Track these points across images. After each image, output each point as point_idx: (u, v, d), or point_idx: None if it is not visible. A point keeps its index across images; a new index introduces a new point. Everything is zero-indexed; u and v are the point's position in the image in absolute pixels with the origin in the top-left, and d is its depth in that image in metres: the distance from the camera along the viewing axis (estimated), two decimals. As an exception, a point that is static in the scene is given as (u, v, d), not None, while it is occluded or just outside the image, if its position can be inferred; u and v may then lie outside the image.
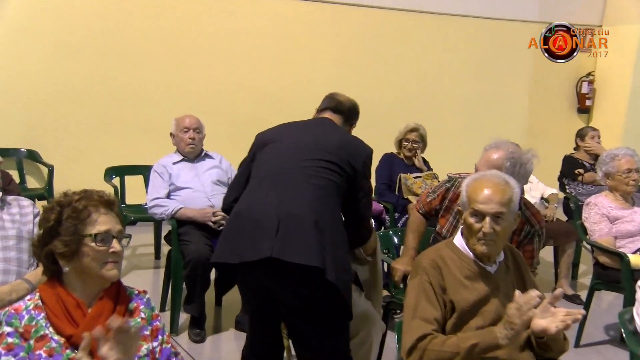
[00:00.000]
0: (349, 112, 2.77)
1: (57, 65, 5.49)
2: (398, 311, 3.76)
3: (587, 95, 7.72)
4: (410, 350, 1.98)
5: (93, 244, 1.71)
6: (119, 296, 1.80)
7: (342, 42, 6.52)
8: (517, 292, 1.97)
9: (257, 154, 2.58)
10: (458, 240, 2.21)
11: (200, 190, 3.88)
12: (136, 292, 1.88)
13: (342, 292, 2.26)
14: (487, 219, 2.06)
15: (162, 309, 3.93)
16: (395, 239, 3.59)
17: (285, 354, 2.69)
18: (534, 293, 1.94)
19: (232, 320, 3.84)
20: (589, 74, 7.72)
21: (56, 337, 1.68)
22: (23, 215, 2.40)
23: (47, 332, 1.68)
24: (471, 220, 2.10)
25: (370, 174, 2.60)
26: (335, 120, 2.71)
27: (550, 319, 1.93)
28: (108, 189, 4.54)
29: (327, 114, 2.74)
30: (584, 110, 7.80)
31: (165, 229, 4.15)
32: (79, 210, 1.74)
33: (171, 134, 4.07)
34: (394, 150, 4.81)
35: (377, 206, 4.35)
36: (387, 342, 3.19)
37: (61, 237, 1.71)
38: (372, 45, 6.68)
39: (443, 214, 3.14)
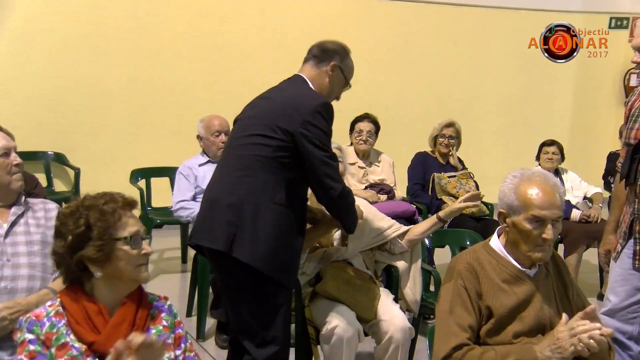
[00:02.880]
0: (324, 51, 2.55)
1: (85, 68, 5.53)
2: (432, 316, 3.64)
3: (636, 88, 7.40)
4: (445, 359, 1.90)
5: (126, 247, 1.70)
6: (140, 302, 1.77)
7: (374, 38, 6.43)
8: (565, 317, 1.89)
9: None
10: (495, 242, 2.10)
11: (226, 192, 3.81)
12: (157, 298, 1.85)
13: (263, 271, 2.27)
14: (549, 225, 1.95)
15: (189, 314, 3.89)
16: (427, 241, 3.46)
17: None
18: (597, 325, 1.82)
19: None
20: (638, 66, 7.38)
21: (77, 344, 1.65)
22: (49, 220, 2.36)
23: (67, 339, 1.65)
24: (529, 226, 1.97)
25: (328, 131, 2.36)
26: (307, 69, 2.55)
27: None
28: (134, 192, 4.56)
29: (302, 68, 2.59)
30: (635, 104, 7.51)
31: (192, 232, 4.09)
32: (109, 214, 1.71)
33: (198, 137, 4.00)
34: (427, 149, 4.68)
35: (409, 207, 4.23)
36: (417, 348, 3.10)
37: (93, 242, 1.68)
38: (405, 41, 6.57)
39: None
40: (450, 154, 4.60)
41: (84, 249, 1.68)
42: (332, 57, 2.54)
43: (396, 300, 2.95)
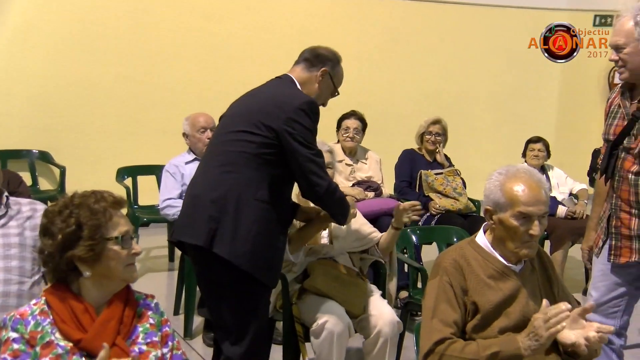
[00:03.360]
0: (310, 55, 2.57)
1: (70, 66, 5.48)
2: (419, 313, 3.65)
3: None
4: (428, 354, 1.92)
5: (117, 247, 1.70)
6: (127, 301, 1.76)
7: (364, 36, 6.43)
8: (545, 302, 1.89)
9: None
10: (481, 238, 2.10)
11: (213, 190, 3.80)
12: (144, 296, 1.84)
13: (243, 267, 2.27)
14: (536, 221, 1.96)
15: (176, 313, 3.87)
16: (414, 238, 3.48)
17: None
18: (564, 306, 1.84)
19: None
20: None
21: (62, 343, 1.64)
22: (34, 221, 2.31)
23: (52, 338, 1.64)
24: (516, 223, 1.97)
25: (312, 129, 2.36)
26: (297, 71, 2.55)
27: (580, 331, 1.87)
28: (120, 190, 4.53)
29: (292, 69, 2.59)
30: (617, 102, 7.56)
31: (179, 230, 4.07)
32: (100, 213, 1.70)
33: (184, 134, 3.99)
34: (414, 146, 4.69)
35: (396, 204, 4.21)
36: (405, 344, 3.10)
37: (83, 241, 1.67)
38: (393, 39, 6.57)
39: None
40: (437, 151, 4.61)
41: (75, 248, 1.66)
42: (323, 62, 2.56)
43: (384, 296, 2.96)
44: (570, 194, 4.82)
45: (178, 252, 4.20)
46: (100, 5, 5.55)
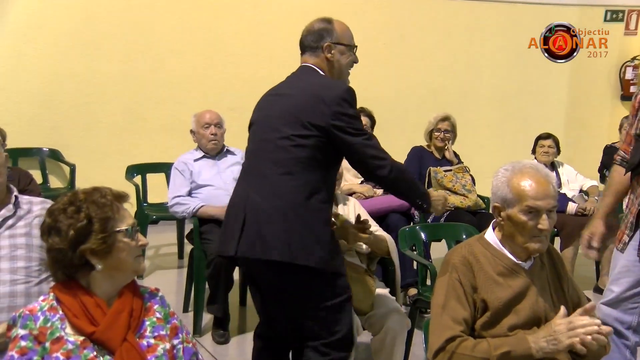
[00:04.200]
0: (312, 39, 2.48)
1: (77, 63, 5.51)
2: (428, 310, 3.64)
3: (631, 82, 7.29)
4: (438, 352, 1.91)
5: (127, 239, 1.73)
6: (135, 294, 1.79)
7: (367, 32, 6.39)
8: (563, 309, 1.91)
9: (250, 130, 2.53)
10: (490, 235, 2.09)
11: (222, 187, 3.81)
12: (149, 290, 1.86)
13: (321, 268, 2.25)
14: (544, 215, 1.95)
15: (186, 310, 3.88)
16: (423, 235, 3.45)
17: None
18: (597, 321, 1.84)
19: (257, 320, 3.69)
20: (633, 59, 7.29)
21: (72, 338, 1.65)
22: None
23: (62, 334, 1.65)
24: (524, 218, 1.96)
25: (357, 115, 2.35)
26: (310, 59, 2.47)
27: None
28: (130, 188, 4.54)
29: (303, 58, 2.52)
30: (628, 97, 7.36)
31: (188, 227, 4.09)
32: (107, 206, 1.73)
33: (191, 131, 4.01)
34: (423, 143, 4.67)
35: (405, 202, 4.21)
36: (414, 341, 3.11)
37: (95, 235, 1.70)
38: (400, 35, 6.55)
39: None
40: (446, 148, 4.59)
41: (87, 242, 1.69)
42: (321, 38, 2.47)
43: (392, 293, 2.96)
44: (581, 191, 4.79)
45: (187, 250, 4.22)
46: (106, 2, 5.56)
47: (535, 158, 4.78)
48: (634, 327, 2.62)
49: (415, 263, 3.76)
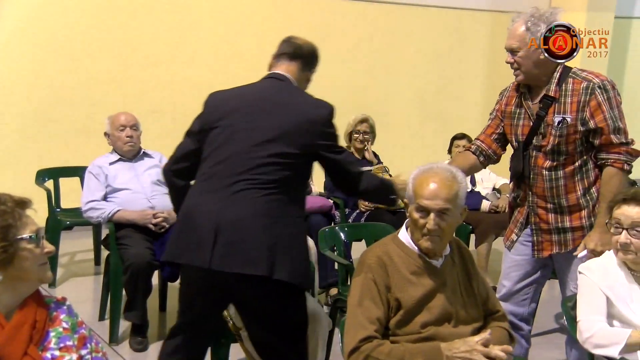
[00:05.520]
0: (308, 55, 2.54)
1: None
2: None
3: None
4: (353, 352, 1.94)
5: (31, 246, 1.67)
6: (38, 305, 1.71)
7: (286, 32, 6.39)
8: (488, 334, 1.99)
9: (207, 131, 2.38)
10: (403, 234, 2.15)
11: (139, 191, 3.72)
12: (55, 300, 1.79)
13: (302, 285, 2.35)
14: (432, 215, 2.01)
15: (102, 318, 3.77)
16: (343, 235, 3.50)
17: None
18: (497, 352, 1.93)
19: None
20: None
21: None
22: None
23: None
24: (416, 215, 2.04)
25: (337, 132, 2.46)
26: (293, 69, 2.48)
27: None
28: (41, 193, 4.35)
29: (284, 63, 2.49)
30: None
31: (105, 233, 3.96)
32: (8, 213, 1.65)
33: (106, 134, 3.90)
34: (344, 144, 4.72)
35: (326, 202, 4.26)
36: (335, 340, 3.09)
37: None
38: (321, 38, 6.52)
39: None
40: (366, 148, 4.66)
41: None
42: (314, 65, 2.59)
43: (312, 294, 2.97)
44: (494, 189, 4.97)
45: (104, 256, 4.09)
46: None
47: (451, 157, 4.92)
48: (526, 317, 2.86)
49: (336, 263, 3.80)
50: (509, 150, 5.57)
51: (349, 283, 3.44)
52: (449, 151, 5.03)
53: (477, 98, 7.62)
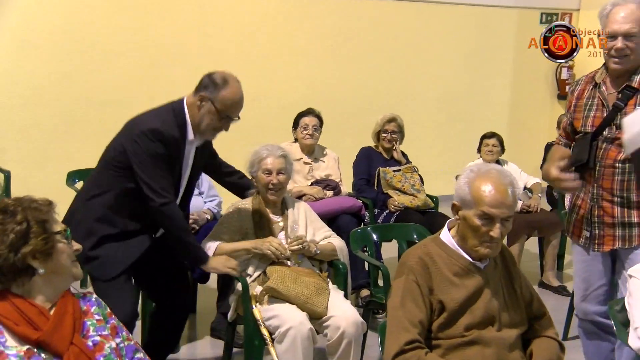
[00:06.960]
0: (201, 82, 2.69)
1: (15, 64, 5.30)
2: (380, 311, 3.65)
3: (567, 81, 7.58)
4: (398, 354, 1.90)
5: (65, 241, 1.73)
6: (72, 298, 1.77)
7: (315, 35, 6.40)
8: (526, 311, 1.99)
9: None
10: (445, 235, 2.10)
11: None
12: (82, 294, 1.84)
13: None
14: (498, 224, 1.96)
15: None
16: (375, 236, 3.46)
17: None
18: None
19: (207, 327, 3.69)
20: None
21: (14, 351, 1.60)
22: None
23: (2, 348, 1.59)
24: (478, 222, 1.98)
25: (154, 153, 2.59)
26: (189, 97, 2.70)
27: None
28: (71, 194, 4.35)
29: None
30: (564, 96, 7.64)
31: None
32: (43, 210, 1.72)
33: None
34: (371, 144, 4.68)
35: (355, 202, 4.22)
36: (368, 343, 3.10)
37: (35, 236, 1.67)
38: (345, 36, 6.57)
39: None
40: (394, 148, 4.61)
41: (28, 244, 1.66)
42: (203, 88, 2.65)
43: (346, 296, 2.94)
44: (525, 188, 4.90)
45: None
46: (46, 2, 5.37)
47: (481, 157, 4.86)
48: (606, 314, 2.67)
49: (367, 264, 3.76)
50: (539, 146, 5.43)
51: (380, 284, 3.41)
52: (478, 150, 4.96)
53: (504, 97, 7.55)
